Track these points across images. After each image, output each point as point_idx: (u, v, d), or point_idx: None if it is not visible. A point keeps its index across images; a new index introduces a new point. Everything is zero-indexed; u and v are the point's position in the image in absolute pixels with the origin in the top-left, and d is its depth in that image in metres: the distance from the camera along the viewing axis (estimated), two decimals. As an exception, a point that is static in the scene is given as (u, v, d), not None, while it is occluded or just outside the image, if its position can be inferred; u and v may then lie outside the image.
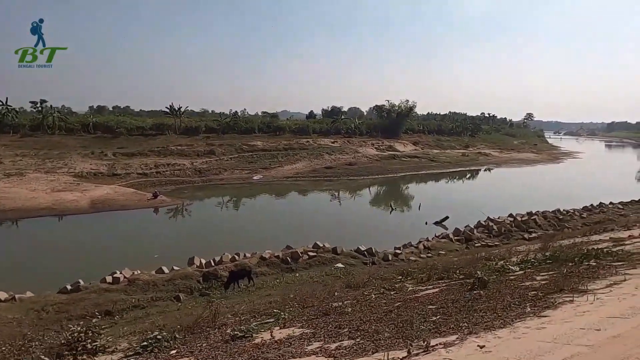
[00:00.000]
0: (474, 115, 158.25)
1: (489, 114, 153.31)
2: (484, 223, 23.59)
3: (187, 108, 69.12)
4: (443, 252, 19.43)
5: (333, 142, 65.81)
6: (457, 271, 7.68)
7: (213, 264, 16.21)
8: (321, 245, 18.52)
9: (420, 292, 6.55)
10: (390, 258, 18.31)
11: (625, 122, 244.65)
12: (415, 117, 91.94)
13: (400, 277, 10.55)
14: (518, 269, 6.68)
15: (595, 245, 8.44)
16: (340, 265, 17.39)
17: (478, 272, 5.54)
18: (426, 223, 28.16)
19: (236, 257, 16.84)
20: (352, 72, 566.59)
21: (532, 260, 7.05)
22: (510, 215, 24.99)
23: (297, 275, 16.13)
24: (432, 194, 44.76)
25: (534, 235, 22.34)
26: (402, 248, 19.72)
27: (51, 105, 64.82)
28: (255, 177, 47.53)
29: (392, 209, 32.91)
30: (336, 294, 9.05)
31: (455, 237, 21.68)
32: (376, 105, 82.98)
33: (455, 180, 54.00)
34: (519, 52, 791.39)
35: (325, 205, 36.59)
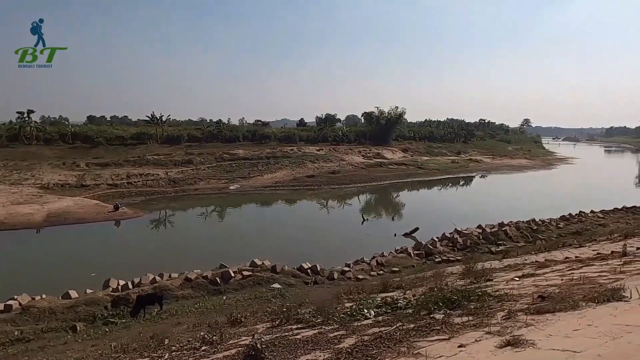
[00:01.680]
0: (472, 121, 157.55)
1: (484, 120, 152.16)
2: (448, 235, 21.95)
3: (169, 117, 67.93)
4: (397, 269, 17.80)
5: (318, 150, 64.41)
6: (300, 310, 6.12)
7: (131, 287, 14.62)
8: (260, 263, 16.90)
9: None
10: (335, 277, 16.69)
11: (624, 127, 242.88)
12: (406, 123, 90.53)
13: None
14: (373, 314, 5.11)
15: (497, 279, 6.86)
16: (277, 285, 15.78)
17: (257, 343, 3.96)
18: (395, 235, 26.59)
19: (158, 278, 15.24)
20: (352, 80, 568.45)
21: (401, 301, 5.47)
22: (479, 226, 23.35)
23: (224, 298, 14.52)
24: (412, 202, 43.13)
25: (501, 247, 20.69)
26: (351, 265, 18.08)
27: (29, 115, 63.45)
28: (232, 187, 46.03)
29: (364, 220, 31.28)
30: (202, 333, 7.41)
31: (416, 252, 20.03)
32: (365, 112, 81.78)
33: (439, 188, 52.33)
34: (518, 59, 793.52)
35: (294, 217, 34.99)
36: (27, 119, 60.53)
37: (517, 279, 6.21)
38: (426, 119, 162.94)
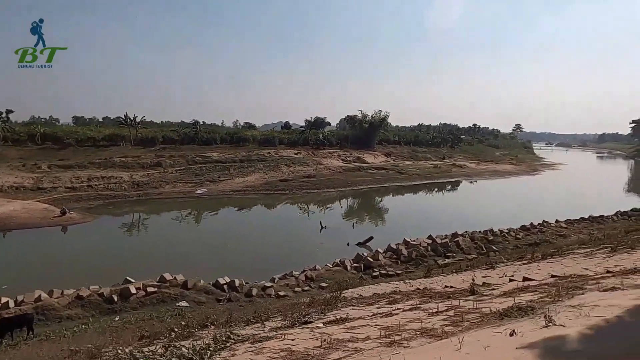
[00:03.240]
0: (465, 126, 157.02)
1: (476, 125, 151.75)
2: (394, 247, 20.54)
3: (144, 118, 66.36)
4: (326, 284, 16.34)
5: (296, 154, 63.01)
6: None
7: (13, 305, 13.08)
8: (170, 277, 15.41)
9: None
10: (254, 293, 15.22)
11: (616, 133, 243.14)
12: (390, 127, 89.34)
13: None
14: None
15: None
16: (184, 303, 14.30)
17: None
18: (348, 244, 25.15)
19: (45, 296, 13.69)
20: (348, 84, 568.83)
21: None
22: (430, 236, 21.95)
23: (117, 319, 13.02)
24: (381, 209, 41.88)
25: (448, 260, 19.31)
26: (277, 280, 16.62)
27: (7, 115, 61.56)
28: (198, 191, 44.49)
29: (322, 227, 29.82)
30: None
31: (354, 264, 18.59)
32: (348, 116, 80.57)
33: (414, 193, 51.02)
34: (513, 65, 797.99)
35: (250, 224, 33.37)
36: (5, 118, 58.81)
37: (321, 325, 4.81)
38: (419, 124, 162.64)
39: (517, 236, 23.51)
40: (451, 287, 6.81)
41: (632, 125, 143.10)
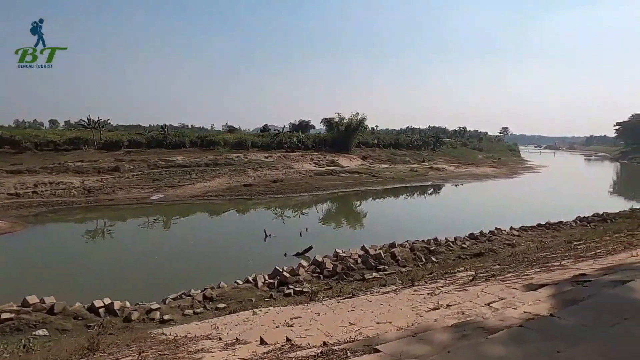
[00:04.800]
0: (454, 129, 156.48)
1: (463, 127, 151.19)
2: (319, 259, 18.67)
3: (108, 120, 64.11)
4: (224, 305, 14.43)
5: (267, 157, 61.12)
6: None
7: None
8: (36, 300, 13.39)
9: None
10: (134, 318, 13.26)
11: (603, 136, 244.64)
12: (367, 130, 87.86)
13: None
14: None
15: None
16: (42, 332, 12.30)
17: None
18: (285, 255, 23.32)
19: None
20: (342, 88, 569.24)
21: None
22: (363, 247, 20.12)
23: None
24: (340, 215, 40.02)
25: (376, 274, 17.49)
26: (168, 300, 14.68)
27: None
28: (153, 197, 42.37)
29: (267, 236, 27.91)
30: None
31: (268, 280, 16.70)
32: (324, 119, 78.89)
33: (384, 198, 49.30)
34: (504, 68, 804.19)
35: (193, 233, 31.25)
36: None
37: None
38: (408, 127, 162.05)
39: (463, 245, 21.80)
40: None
41: (617, 127, 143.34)
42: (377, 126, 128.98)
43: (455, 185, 61.72)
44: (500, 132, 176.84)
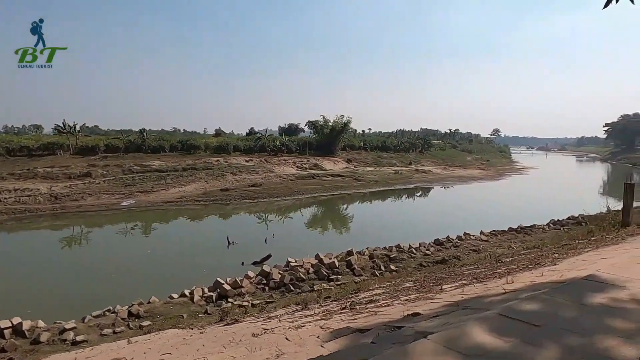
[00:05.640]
0: (445, 131, 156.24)
1: (451, 129, 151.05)
2: (267, 270, 17.49)
3: (84, 125, 62.74)
4: (148, 324, 13.19)
5: (247, 161, 59.96)
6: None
7: None
8: None
9: None
10: (44, 339, 11.98)
11: (595, 137, 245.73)
12: (354, 133, 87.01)
13: None
14: None
15: None
16: None
17: None
18: (242, 264, 22.11)
19: None
20: (336, 92, 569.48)
21: None
22: (317, 256, 18.95)
23: None
24: (314, 220, 38.90)
25: (325, 285, 16.34)
26: (87, 319, 13.42)
27: None
28: (123, 203, 41.02)
29: (230, 243, 26.71)
30: None
31: (207, 294, 15.50)
32: (309, 121, 77.86)
33: (362, 202, 48.26)
34: (496, 70, 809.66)
35: (156, 240, 30.07)
36: None
37: None
38: (400, 129, 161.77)
39: (427, 252, 20.68)
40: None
41: (606, 128, 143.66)
42: (370, 129, 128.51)
43: (444, 187, 60.87)
44: (491, 134, 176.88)
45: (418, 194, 54.34)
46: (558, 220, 26.36)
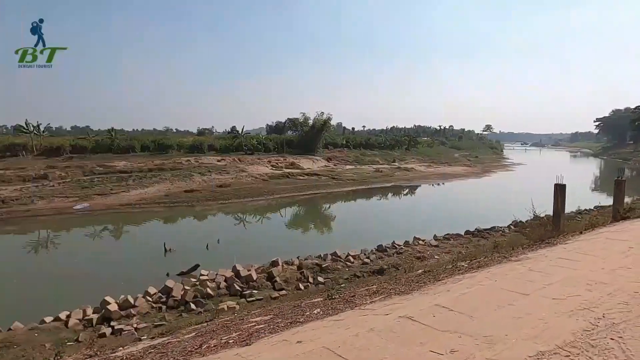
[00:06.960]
0: (435, 127, 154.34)
1: (441, 126, 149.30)
2: (170, 285, 15.43)
3: (49, 125, 60.53)
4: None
5: (219, 161, 57.82)
6: None
7: None
8: None
9: None
10: None
11: (588, 132, 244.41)
12: (334, 131, 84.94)
13: None
14: None
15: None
16: None
17: None
18: (167, 274, 19.97)
19: None
20: (330, 89, 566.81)
21: None
22: (234, 267, 16.91)
23: None
24: (270, 224, 36.80)
25: (231, 303, 14.32)
26: None
27: None
28: (77, 207, 38.80)
29: (167, 250, 24.64)
30: None
31: (91, 315, 13.43)
32: (288, 119, 75.79)
33: (333, 202, 46.18)
34: (491, 66, 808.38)
35: (92, 247, 27.95)
36: None
37: None
38: (393, 126, 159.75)
39: (366, 260, 18.70)
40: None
41: (597, 123, 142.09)
42: (364, 126, 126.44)
43: (435, 184, 59.02)
44: (483, 130, 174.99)
45: (392, 194, 52.26)
46: (520, 221, 24.36)
